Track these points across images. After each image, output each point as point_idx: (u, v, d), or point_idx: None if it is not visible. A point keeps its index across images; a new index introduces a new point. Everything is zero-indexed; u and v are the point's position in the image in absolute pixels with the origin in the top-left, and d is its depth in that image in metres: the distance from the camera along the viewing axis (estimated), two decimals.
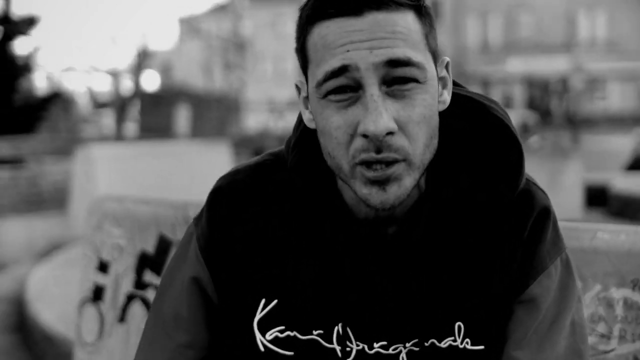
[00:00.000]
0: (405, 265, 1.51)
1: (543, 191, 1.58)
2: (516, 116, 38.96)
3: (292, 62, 72.83)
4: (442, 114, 1.51)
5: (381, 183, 1.38)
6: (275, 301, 1.54)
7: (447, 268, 1.51)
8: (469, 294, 1.51)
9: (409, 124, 1.37)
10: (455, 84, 1.62)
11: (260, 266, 1.56)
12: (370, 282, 1.51)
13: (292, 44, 1.49)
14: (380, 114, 1.33)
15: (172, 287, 1.65)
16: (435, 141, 1.44)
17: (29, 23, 23.35)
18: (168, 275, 1.68)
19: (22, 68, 23.11)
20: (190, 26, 73.58)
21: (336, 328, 1.51)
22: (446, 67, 1.50)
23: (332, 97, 1.38)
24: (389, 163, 1.37)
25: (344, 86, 1.37)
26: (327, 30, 1.37)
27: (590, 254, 1.96)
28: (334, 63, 1.35)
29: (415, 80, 1.37)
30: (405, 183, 1.39)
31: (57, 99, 25.34)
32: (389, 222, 1.52)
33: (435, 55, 1.45)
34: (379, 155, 1.36)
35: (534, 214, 1.53)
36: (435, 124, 1.43)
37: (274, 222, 1.58)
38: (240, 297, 1.57)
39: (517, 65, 60.00)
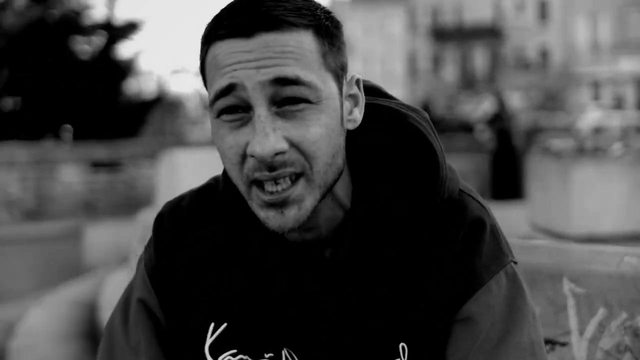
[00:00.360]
0: (343, 287, 1.50)
1: (481, 203, 1.54)
2: (622, 118, 38.11)
3: (400, 64, 72.95)
4: (361, 129, 1.51)
5: (279, 206, 1.38)
6: (225, 325, 1.54)
7: (381, 286, 1.49)
8: (407, 311, 1.48)
9: (304, 143, 1.37)
10: (378, 93, 1.63)
11: (206, 290, 1.57)
12: (311, 305, 1.51)
13: (399, 45, 1.44)
14: (266, 135, 1.33)
15: (126, 312, 1.64)
16: (339, 160, 1.44)
17: (131, 27, 23.78)
18: (123, 302, 1.67)
19: (125, 72, 23.54)
20: None
21: (284, 352, 1.52)
22: (357, 84, 1.50)
23: (224, 117, 1.39)
24: (288, 182, 1.38)
25: (235, 106, 1.37)
26: (219, 51, 1.38)
27: (617, 280, 1.89)
28: (222, 82, 1.36)
29: (307, 100, 1.36)
30: (306, 204, 1.39)
31: (160, 102, 25.79)
32: (320, 244, 1.51)
33: (338, 75, 1.44)
34: (273, 173, 1.36)
35: (465, 226, 1.50)
36: (337, 143, 1.43)
37: (216, 246, 1.60)
38: (189, 323, 1.57)
39: (628, 65, 58.89)
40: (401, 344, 1.48)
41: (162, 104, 26.35)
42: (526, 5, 66.52)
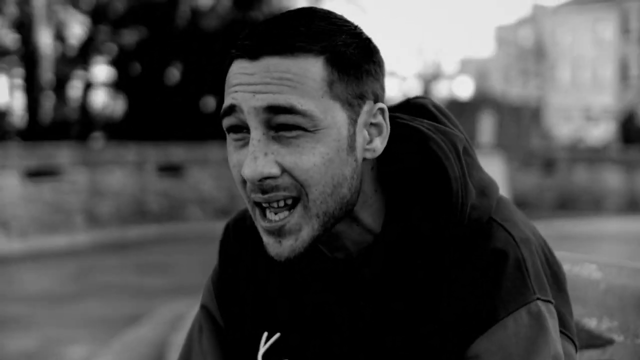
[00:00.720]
0: (377, 310, 1.48)
1: (510, 233, 1.46)
2: None
3: (610, 69, 71.10)
4: (394, 153, 1.49)
5: (276, 234, 1.39)
6: (278, 334, 1.56)
7: (407, 312, 1.46)
8: (427, 341, 1.44)
9: (295, 170, 1.36)
10: (423, 113, 1.57)
11: (262, 300, 1.60)
12: (340, 322, 1.51)
13: (610, 50, 1.34)
14: (255, 159, 1.34)
15: (196, 319, 1.72)
16: (344, 191, 1.41)
17: None
18: (200, 310, 1.73)
19: None
20: (501, 36, 73.77)
21: None
22: (382, 114, 1.45)
23: (231, 135, 1.41)
24: (286, 212, 1.39)
25: (239, 126, 1.39)
26: (231, 70, 1.40)
27: None
28: (227, 102, 1.39)
29: (301, 128, 1.35)
30: (303, 235, 1.39)
31: None
32: (352, 263, 1.50)
33: (350, 104, 1.40)
34: (265, 196, 1.37)
35: (485, 256, 1.43)
36: (340, 173, 1.40)
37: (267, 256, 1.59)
38: (245, 331, 1.61)
39: None
40: None
41: None
42: None
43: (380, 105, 1.44)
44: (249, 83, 1.35)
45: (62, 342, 8.00)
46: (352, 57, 1.39)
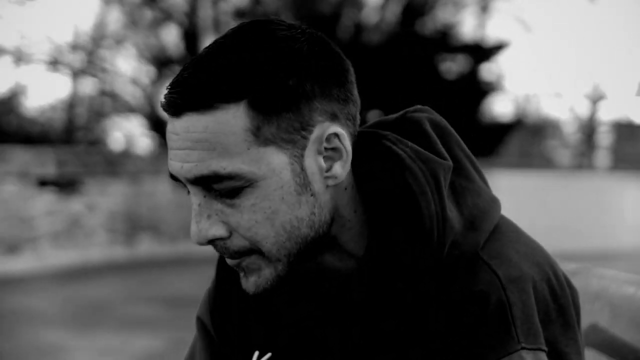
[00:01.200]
0: (366, 330, 1.40)
1: (496, 273, 1.32)
2: None
3: None
4: (371, 171, 1.41)
5: (240, 269, 1.36)
6: (269, 354, 1.50)
7: (396, 332, 1.37)
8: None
9: (240, 229, 1.31)
10: (406, 121, 1.47)
11: (255, 319, 1.55)
12: (332, 344, 1.44)
13: None
14: (197, 223, 1.32)
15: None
16: (305, 230, 1.34)
17: (499, 48, 23.89)
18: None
19: (487, 92, 23.79)
20: None
21: None
22: (339, 138, 1.35)
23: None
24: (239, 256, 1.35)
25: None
26: (167, 125, 1.34)
27: None
28: (168, 168, 1.34)
29: (235, 189, 1.29)
30: (265, 274, 1.35)
31: (520, 124, 25.76)
32: (347, 287, 1.43)
33: (289, 140, 1.30)
34: (223, 255, 1.36)
35: (465, 298, 1.31)
36: (292, 217, 1.32)
37: None
38: (236, 348, 1.57)
39: None
40: None
41: (523, 126, 26.34)
42: None
43: (331, 130, 1.33)
44: (178, 148, 1.29)
45: (188, 344, 8.11)
46: (279, 90, 1.28)
